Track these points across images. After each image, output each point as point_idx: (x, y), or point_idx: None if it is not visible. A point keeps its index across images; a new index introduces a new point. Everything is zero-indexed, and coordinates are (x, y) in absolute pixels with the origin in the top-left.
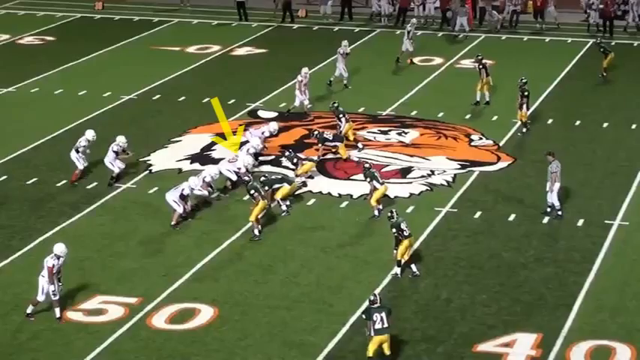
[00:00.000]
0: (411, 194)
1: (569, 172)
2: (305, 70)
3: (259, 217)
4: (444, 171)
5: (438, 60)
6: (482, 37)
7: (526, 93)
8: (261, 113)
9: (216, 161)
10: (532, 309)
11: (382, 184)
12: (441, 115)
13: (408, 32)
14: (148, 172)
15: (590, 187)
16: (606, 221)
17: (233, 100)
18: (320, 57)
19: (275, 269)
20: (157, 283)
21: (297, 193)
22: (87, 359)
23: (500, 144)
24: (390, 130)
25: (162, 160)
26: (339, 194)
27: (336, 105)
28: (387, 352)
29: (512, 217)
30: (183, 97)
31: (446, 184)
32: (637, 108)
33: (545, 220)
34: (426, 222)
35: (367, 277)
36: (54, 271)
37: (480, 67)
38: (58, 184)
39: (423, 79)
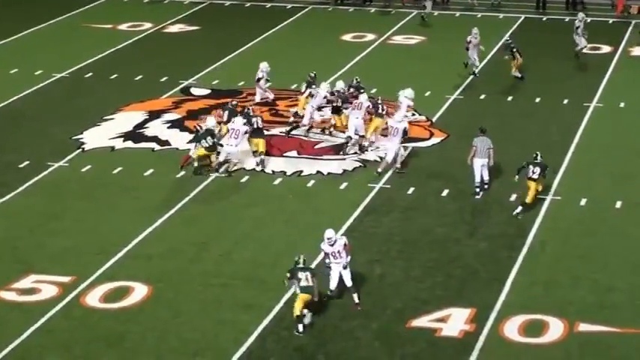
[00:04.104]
0: (345, 170)
1: (503, 148)
2: (475, 30)
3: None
4: (377, 147)
5: (370, 36)
6: (414, 13)
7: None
8: (194, 90)
9: (149, 139)
10: (465, 284)
11: None
12: (374, 91)
13: (577, 28)
14: (80, 150)
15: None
16: (538, 196)
17: (166, 78)
18: (252, 34)
19: (209, 247)
20: (91, 261)
21: (230, 170)
22: (20, 339)
23: (433, 120)
24: (324, 107)
25: (94, 138)
26: (272, 171)
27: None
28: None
29: (445, 192)
30: (115, 75)
31: (379, 160)
32: (569, 82)
33: (478, 195)
34: (360, 198)
35: (302, 253)
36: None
37: (514, 49)
38: None
39: (355, 56)
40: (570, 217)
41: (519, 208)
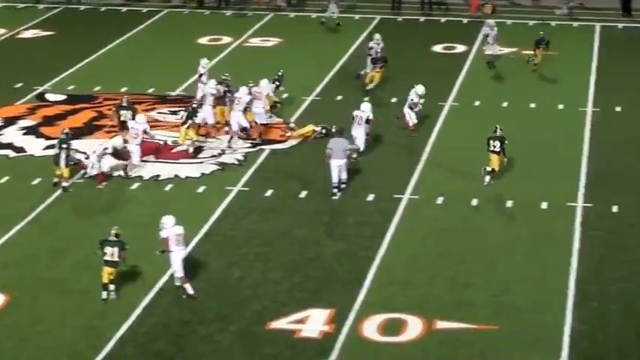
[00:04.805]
0: (203, 174)
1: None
2: (377, 35)
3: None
4: (235, 150)
5: (226, 39)
6: (270, 15)
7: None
8: (49, 96)
9: (4, 146)
10: (324, 285)
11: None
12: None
13: (486, 36)
14: None
15: (379, 162)
16: (395, 195)
17: (20, 84)
18: (108, 38)
19: (67, 253)
20: None
21: (86, 176)
22: None
23: (291, 121)
24: (179, 111)
25: None
26: (129, 176)
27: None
28: (109, 282)
29: (303, 194)
30: None
31: (237, 162)
32: (424, 82)
33: (336, 196)
34: (218, 201)
35: (159, 259)
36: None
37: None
38: None
39: (212, 59)
40: (427, 216)
41: (487, 177)
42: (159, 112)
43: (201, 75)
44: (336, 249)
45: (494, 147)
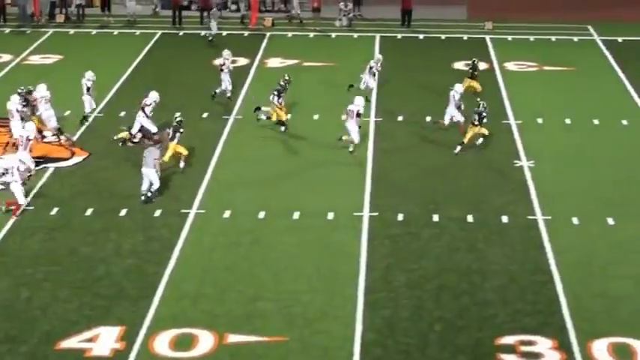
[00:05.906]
0: None
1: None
2: (226, 51)
3: None
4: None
5: (6, 57)
6: (50, 33)
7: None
8: None
9: None
10: (113, 302)
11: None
12: None
13: (371, 68)
14: None
15: (166, 177)
16: (183, 210)
17: None
18: None
19: None
20: None
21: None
22: None
23: (74, 139)
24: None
25: None
26: None
27: None
28: None
29: (89, 211)
30: None
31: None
32: (206, 96)
33: (123, 212)
34: (2, 222)
35: None
36: None
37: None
38: None
39: None
40: (215, 230)
41: (458, 148)
42: None
43: (88, 89)
44: (124, 265)
45: (474, 120)
